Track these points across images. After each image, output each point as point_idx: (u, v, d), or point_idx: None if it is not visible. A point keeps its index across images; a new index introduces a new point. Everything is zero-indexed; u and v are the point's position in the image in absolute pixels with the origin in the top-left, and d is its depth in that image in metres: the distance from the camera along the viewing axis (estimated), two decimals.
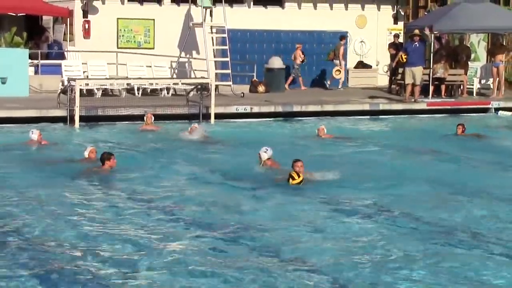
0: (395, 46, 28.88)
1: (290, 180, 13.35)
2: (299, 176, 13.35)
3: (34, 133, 17.58)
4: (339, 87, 29.41)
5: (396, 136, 21.40)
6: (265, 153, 14.98)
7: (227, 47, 27.99)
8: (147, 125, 20.35)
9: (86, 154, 15.47)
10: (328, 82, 29.79)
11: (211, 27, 28.09)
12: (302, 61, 29.30)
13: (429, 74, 26.64)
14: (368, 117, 24.46)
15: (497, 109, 25.88)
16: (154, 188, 13.70)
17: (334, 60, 29.80)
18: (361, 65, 31.69)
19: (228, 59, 27.83)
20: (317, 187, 13.56)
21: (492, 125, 23.54)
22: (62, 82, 24.22)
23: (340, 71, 29.41)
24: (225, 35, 28.14)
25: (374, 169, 15.79)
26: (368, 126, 23.30)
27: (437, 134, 20.75)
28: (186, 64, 29.08)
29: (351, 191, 13.41)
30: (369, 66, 31.74)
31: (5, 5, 27.83)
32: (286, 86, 29.24)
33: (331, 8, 31.30)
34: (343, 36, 29.60)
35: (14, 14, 29.54)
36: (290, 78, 29.51)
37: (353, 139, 19.80)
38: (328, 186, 13.65)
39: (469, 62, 29.04)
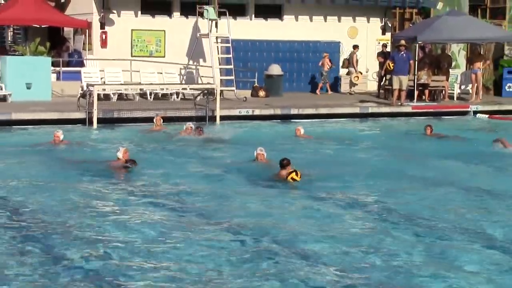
0: (383, 55, 28.97)
1: (294, 177, 13.31)
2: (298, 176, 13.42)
3: (57, 133, 17.62)
4: (350, 90, 29.85)
5: (379, 136, 21.65)
6: (260, 152, 15.18)
7: (231, 56, 28.11)
8: (157, 126, 20.43)
9: (120, 155, 14.95)
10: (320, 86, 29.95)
11: (217, 38, 28.17)
12: (330, 68, 29.49)
13: (414, 80, 26.73)
14: (358, 119, 24.54)
15: (475, 112, 25.95)
16: (166, 182, 13.69)
17: (348, 68, 30.02)
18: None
19: (232, 66, 27.94)
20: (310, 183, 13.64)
21: (469, 127, 23.66)
22: (82, 87, 24.31)
23: (359, 77, 29.67)
24: (229, 45, 28.24)
25: (357, 165, 15.84)
26: (357, 127, 23.40)
27: (414, 134, 20.80)
28: (194, 71, 29.17)
29: (335, 186, 13.52)
30: (359, 73, 31.75)
31: (30, 17, 27.97)
32: (318, 92, 29.55)
33: (325, 20, 31.36)
34: (356, 45, 29.80)
35: (38, 26, 29.68)
36: (320, 85, 29.73)
37: (334, 139, 19.88)
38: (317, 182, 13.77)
39: (450, 70, 29.18)
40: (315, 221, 10.98)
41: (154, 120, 20.58)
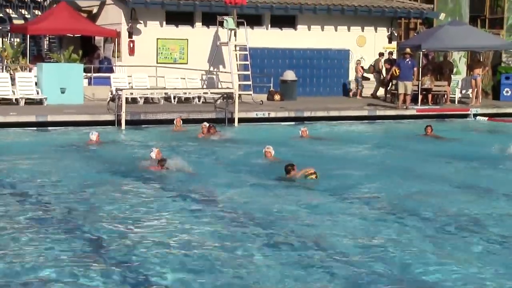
0: (389, 62, 28.93)
1: (311, 176, 13.37)
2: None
3: (93, 134, 17.74)
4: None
5: (386, 137, 21.71)
6: (268, 150, 15.39)
7: (248, 62, 28.18)
8: (177, 127, 20.49)
9: (153, 155, 14.77)
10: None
11: (235, 46, 28.22)
12: (362, 74, 29.49)
13: (418, 85, 26.71)
14: (366, 121, 24.52)
15: (475, 115, 25.87)
16: (192, 179, 13.66)
17: (373, 73, 29.99)
18: (361, 77, 31.67)
19: (249, 72, 28.00)
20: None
21: (469, 128, 23.67)
22: (111, 91, 24.38)
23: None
24: (247, 52, 28.30)
25: (364, 163, 15.92)
26: (365, 128, 23.40)
27: (418, 135, 20.79)
28: (214, 77, 29.22)
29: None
30: (367, 79, 31.76)
31: (64, 27, 28.11)
32: (358, 96, 29.52)
33: (336, 30, 31.33)
34: (381, 53, 29.84)
35: (71, 35, 29.85)
36: (359, 91, 29.74)
37: (344, 140, 20.01)
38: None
39: (451, 75, 29.11)
40: (325, 216, 10.98)
41: (175, 121, 20.67)
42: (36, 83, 24.52)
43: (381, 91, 30.19)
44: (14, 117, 20.85)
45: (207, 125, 19.46)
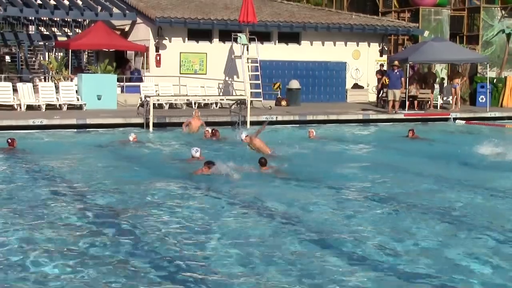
0: (380, 73, 28.80)
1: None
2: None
3: (131, 135, 17.58)
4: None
5: (378, 137, 21.50)
6: (242, 135, 14.96)
7: (259, 73, 28.13)
8: (194, 118, 19.97)
9: (198, 154, 14.15)
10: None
11: (248, 59, 28.19)
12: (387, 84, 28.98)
13: (405, 93, 26.59)
14: (361, 124, 24.42)
15: (455, 119, 25.75)
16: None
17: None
18: (356, 86, 31.64)
19: (259, 81, 27.96)
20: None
21: (450, 130, 23.54)
22: (141, 98, 24.34)
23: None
24: (258, 64, 28.27)
25: (360, 161, 15.73)
26: (360, 131, 23.30)
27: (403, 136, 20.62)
28: (229, 85, 29.20)
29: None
30: (362, 87, 31.70)
31: (101, 43, 28.21)
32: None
33: (334, 45, 31.27)
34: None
35: (107, 50, 29.88)
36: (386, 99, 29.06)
37: (342, 140, 19.89)
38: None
39: (434, 84, 28.96)
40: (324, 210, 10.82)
41: (193, 112, 20.46)
42: (76, 91, 24.53)
43: (373, 98, 30.11)
44: (57, 120, 20.85)
45: (209, 130, 18.92)
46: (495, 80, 30.58)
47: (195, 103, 25.98)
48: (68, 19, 33.11)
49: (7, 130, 19.48)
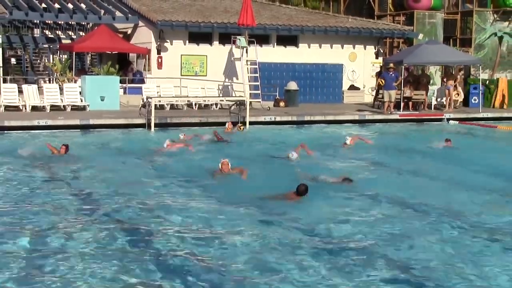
0: (376, 74, 28.79)
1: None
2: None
3: (165, 142, 16.42)
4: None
5: (373, 137, 21.38)
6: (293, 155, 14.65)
7: (258, 75, 28.05)
8: (228, 129, 19.97)
9: (224, 168, 12.83)
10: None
11: (247, 61, 28.10)
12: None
13: (400, 94, 26.55)
14: (357, 124, 24.36)
15: (448, 119, 25.70)
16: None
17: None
18: (352, 87, 31.59)
19: (258, 83, 27.89)
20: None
21: (444, 130, 23.43)
22: (143, 99, 24.24)
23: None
24: (256, 66, 28.18)
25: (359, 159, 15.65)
26: (356, 130, 23.24)
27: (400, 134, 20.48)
28: (229, 87, 29.12)
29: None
30: (358, 88, 31.65)
31: (104, 46, 28.26)
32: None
33: (331, 47, 31.19)
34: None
35: (110, 52, 29.84)
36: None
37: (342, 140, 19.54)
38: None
39: (428, 86, 28.91)
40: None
41: (226, 124, 20.46)
42: (80, 92, 24.47)
43: (369, 99, 30.07)
44: (62, 121, 20.79)
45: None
46: (487, 82, 30.52)
47: (195, 104, 25.93)
48: (72, 23, 33.05)
49: (13, 131, 19.46)
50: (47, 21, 33.10)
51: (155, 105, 21.43)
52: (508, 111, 28.08)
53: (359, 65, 31.51)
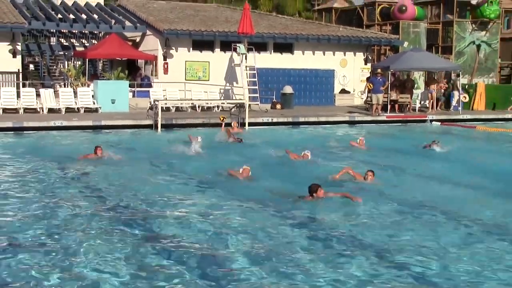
0: (365, 79, 28.74)
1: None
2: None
3: (195, 138, 15.87)
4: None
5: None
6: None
7: (256, 80, 28.00)
8: (234, 129, 19.72)
9: (244, 173, 12.03)
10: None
11: (246, 67, 28.05)
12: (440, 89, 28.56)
13: (387, 97, 26.52)
14: (347, 125, 24.32)
15: (431, 120, 25.68)
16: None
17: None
18: (343, 91, 31.54)
19: (257, 87, 27.84)
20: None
21: (427, 131, 23.43)
22: (150, 102, 24.22)
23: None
24: (255, 72, 28.14)
25: (355, 157, 15.56)
26: (346, 130, 23.18)
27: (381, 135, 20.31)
28: (230, 90, 29.09)
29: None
30: (348, 92, 31.61)
31: (114, 53, 28.21)
32: (438, 108, 28.22)
33: (324, 54, 31.16)
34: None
35: (120, 59, 29.77)
36: (440, 102, 28.53)
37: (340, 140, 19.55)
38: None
39: (413, 90, 28.88)
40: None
41: (232, 124, 20.29)
42: (92, 96, 24.43)
43: (359, 102, 30.02)
44: (76, 122, 20.76)
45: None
46: (466, 86, 30.50)
47: (199, 107, 25.89)
48: (85, 32, 33.03)
49: (31, 131, 19.43)
50: (62, 30, 33.08)
51: (162, 107, 21.40)
52: (485, 113, 28.07)
53: (350, 71, 31.48)
